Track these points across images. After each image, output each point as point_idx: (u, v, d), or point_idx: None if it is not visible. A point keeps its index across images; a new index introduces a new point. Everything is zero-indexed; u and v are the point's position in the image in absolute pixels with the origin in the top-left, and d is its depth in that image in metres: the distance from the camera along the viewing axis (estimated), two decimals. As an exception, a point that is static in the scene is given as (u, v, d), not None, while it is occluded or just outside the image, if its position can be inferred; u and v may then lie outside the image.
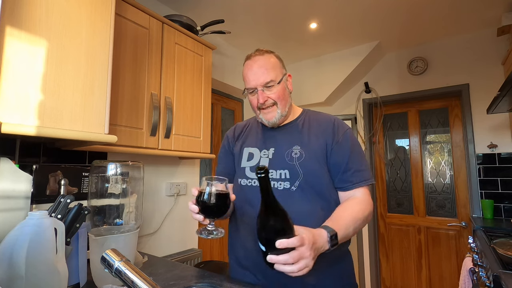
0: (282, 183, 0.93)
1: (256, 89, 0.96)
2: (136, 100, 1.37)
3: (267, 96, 0.96)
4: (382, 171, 2.91)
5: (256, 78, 0.95)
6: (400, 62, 2.78)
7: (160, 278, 0.99)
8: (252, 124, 1.13)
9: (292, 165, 0.93)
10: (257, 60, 0.97)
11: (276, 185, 0.94)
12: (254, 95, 0.98)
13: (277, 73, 0.97)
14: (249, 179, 0.99)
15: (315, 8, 2.08)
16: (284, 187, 0.93)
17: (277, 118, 0.97)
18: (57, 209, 0.82)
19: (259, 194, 0.89)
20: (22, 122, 0.83)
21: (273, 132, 1.03)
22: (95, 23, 1.02)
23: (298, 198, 0.91)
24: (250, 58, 1.00)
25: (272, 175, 0.95)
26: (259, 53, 1.00)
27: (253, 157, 1.01)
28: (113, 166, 0.99)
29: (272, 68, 0.96)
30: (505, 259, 1.23)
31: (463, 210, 2.49)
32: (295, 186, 0.92)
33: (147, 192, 1.73)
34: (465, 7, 2.07)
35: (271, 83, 0.95)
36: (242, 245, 0.98)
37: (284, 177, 0.93)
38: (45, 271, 0.67)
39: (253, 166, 1.00)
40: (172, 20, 1.66)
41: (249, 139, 1.07)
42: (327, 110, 3.12)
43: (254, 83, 0.96)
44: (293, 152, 0.95)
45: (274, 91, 0.96)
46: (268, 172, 0.62)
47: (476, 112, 2.39)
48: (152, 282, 0.53)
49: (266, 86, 0.95)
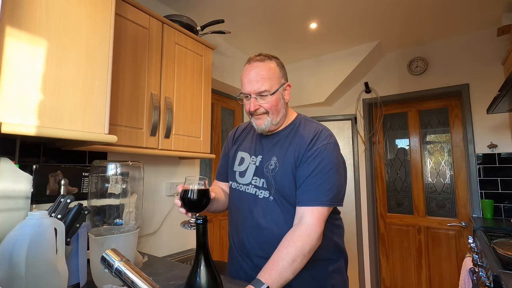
0: (263, 192, 0.98)
1: (250, 95, 0.96)
2: (136, 100, 1.37)
3: (259, 104, 0.96)
4: (382, 171, 2.91)
5: (251, 85, 0.94)
6: (400, 62, 2.78)
7: (160, 278, 0.99)
8: (251, 128, 1.14)
9: (267, 176, 0.97)
10: (255, 67, 0.95)
11: (258, 193, 0.98)
12: (248, 100, 0.98)
13: (273, 83, 0.95)
14: (237, 183, 1.05)
15: (315, 8, 2.08)
16: (264, 196, 0.97)
17: (266, 126, 0.98)
18: (57, 209, 0.82)
19: (246, 198, 0.99)
20: (22, 122, 0.82)
21: (264, 140, 1.05)
22: (95, 23, 1.02)
23: (275, 207, 0.95)
24: (249, 62, 0.98)
25: (256, 182, 0.99)
26: (260, 58, 0.97)
27: (244, 161, 1.06)
28: (113, 166, 0.99)
29: (269, 78, 0.94)
30: (505, 259, 1.23)
31: (463, 210, 2.49)
32: (272, 195, 0.96)
33: (147, 192, 1.73)
34: (465, 7, 2.07)
35: (265, 93, 0.94)
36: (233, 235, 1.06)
37: (263, 186, 0.98)
38: (45, 271, 0.67)
39: (242, 171, 1.04)
40: (172, 20, 1.66)
41: (244, 143, 1.11)
42: (327, 110, 3.12)
43: (248, 89, 0.95)
44: (270, 163, 0.98)
45: (267, 100, 0.95)
46: (207, 222, 0.62)
47: (476, 112, 2.39)
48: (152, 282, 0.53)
49: (259, 94, 0.94)
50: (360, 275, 2.79)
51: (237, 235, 1.03)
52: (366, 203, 2.84)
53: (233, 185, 1.07)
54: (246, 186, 1.01)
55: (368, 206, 2.84)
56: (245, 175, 1.02)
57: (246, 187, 1.01)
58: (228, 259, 1.10)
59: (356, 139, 2.97)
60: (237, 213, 1.04)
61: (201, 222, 0.61)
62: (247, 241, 0.97)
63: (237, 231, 1.02)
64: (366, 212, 2.84)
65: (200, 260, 0.61)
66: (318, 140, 0.94)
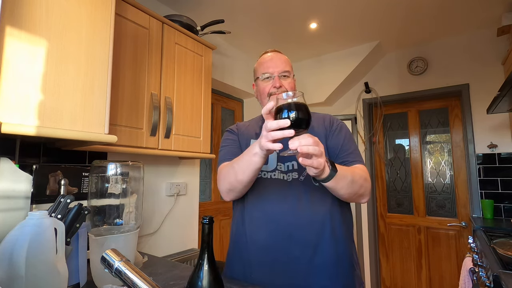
0: (291, 174, 0.96)
1: (273, 75, 1.02)
2: (136, 100, 1.37)
3: (282, 83, 1.02)
4: (382, 171, 2.91)
5: (275, 65, 1.03)
6: (400, 62, 2.79)
7: (160, 278, 0.99)
8: (252, 123, 1.14)
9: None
10: (277, 54, 1.07)
11: (286, 177, 0.96)
12: (268, 82, 1.03)
13: (291, 69, 1.07)
14: (263, 171, 0.98)
15: (315, 8, 2.08)
16: (293, 178, 0.96)
17: None
18: (57, 209, 0.82)
19: (269, 185, 0.94)
20: (22, 122, 0.82)
21: None
22: (95, 23, 1.02)
23: (309, 187, 0.93)
24: (268, 52, 1.10)
25: (281, 167, 0.98)
26: (277, 50, 1.10)
27: None
28: (113, 166, 0.99)
29: (289, 63, 1.07)
30: (505, 259, 1.23)
31: (463, 210, 2.49)
32: (303, 175, 0.95)
33: (147, 192, 1.73)
34: (465, 7, 2.07)
35: (287, 74, 1.04)
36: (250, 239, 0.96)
37: (292, 168, 0.97)
38: (45, 271, 0.67)
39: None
40: (172, 20, 1.66)
41: (253, 135, 1.08)
42: (327, 110, 3.12)
43: (272, 70, 1.03)
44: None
45: (288, 81, 1.03)
46: (213, 222, 0.61)
47: (476, 112, 2.39)
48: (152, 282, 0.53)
49: (283, 75, 1.03)
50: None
51: (264, 229, 0.94)
52: (366, 203, 2.84)
53: None
54: (271, 172, 0.98)
55: (368, 206, 2.84)
56: (268, 161, 0.99)
57: (272, 173, 0.98)
58: (229, 260, 1.05)
59: (356, 139, 2.97)
60: (263, 204, 0.95)
61: (206, 222, 0.61)
62: (284, 230, 0.91)
63: (266, 224, 0.94)
64: (366, 212, 2.84)
65: (204, 260, 0.61)
66: (333, 119, 1.06)
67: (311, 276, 0.89)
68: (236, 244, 1.02)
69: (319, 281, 0.88)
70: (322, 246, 0.91)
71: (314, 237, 0.91)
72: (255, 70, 1.10)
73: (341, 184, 0.82)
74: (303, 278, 0.89)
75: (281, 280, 0.89)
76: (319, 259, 0.90)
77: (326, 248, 0.91)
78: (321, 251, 0.90)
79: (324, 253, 0.90)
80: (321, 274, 0.89)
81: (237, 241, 1.02)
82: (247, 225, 0.98)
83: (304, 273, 0.89)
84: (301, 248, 0.90)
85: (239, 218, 1.02)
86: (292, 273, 0.89)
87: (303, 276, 0.89)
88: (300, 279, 0.89)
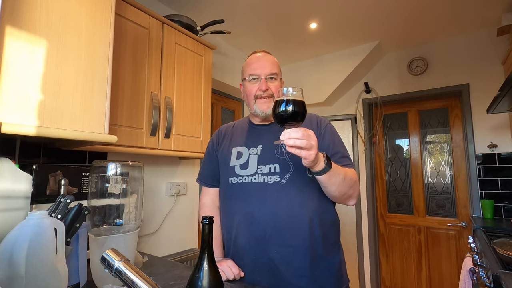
0: (272, 177, 0.97)
1: (260, 77, 1.03)
2: (136, 100, 1.37)
3: (268, 86, 1.03)
4: (382, 171, 2.91)
5: (263, 67, 1.03)
6: (400, 62, 2.78)
7: (160, 278, 0.99)
8: (238, 125, 1.16)
9: (282, 159, 0.98)
10: (264, 55, 1.07)
11: (266, 179, 0.98)
12: (254, 84, 1.04)
13: (278, 71, 1.07)
14: (239, 176, 1.03)
15: (315, 8, 2.08)
16: (275, 181, 0.97)
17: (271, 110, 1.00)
18: (57, 209, 0.82)
19: (250, 189, 0.96)
20: (22, 122, 0.82)
21: (259, 130, 1.08)
22: (95, 23, 1.02)
23: (289, 190, 0.95)
24: (257, 52, 1.10)
25: (262, 169, 0.99)
26: (266, 51, 1.10)
27: (242, 155, 1.05)
28: (113, 166, 0.99)
29: (276, 65, 1.07)
30: (505, 259, 1.23)
31: (463, 210, 2.49)
32: (285, 179, 0.96)
33: (147, 192, 1.73)
34: (465, 7, 2.07)
35: (275, 76, 1.04)
36: (238, 234, 1.00)
37: (274, 171, 0.98)
38: (45, 271, 0.67)
39: (242, 164, 1.04)
40: (172, 20, 1.66)
41: (236, 139, 1.11)
42: (327, 110, 3.12)
43: (259, 71, 1.03)
44: (282, 146, 0.96)
45: (274, 84, 1.04)
46: (213, 222, 0.62)
47: (476, 112, 2.39)
48: (152, 282, 0.53)
49: (270, 77, 1.03)
50: (360, 275, 2.79)
51: (246, 231, 0.97)
52: (366, 203, 2.84)
53: (233, 180, 1.04)
54: (252, 176, 1.00)
55: (368, 206, 2.84)
56: (248, 166, 1.02)
57: (252, 178, 1.00)
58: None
59: (356, 139, 2.97)
60: (244, 208, 0.99)
61: (206, 222, 0.61)
62: (263, 232, 0.94)
63: (247, 226, 0.97)
64: (366, 212, 2.84)
65: (204, 260, 0.61)
66: (322, 121, 1.06)
67: (290, 277, 0.91)
68: (225, 247, 1.07)
69: (297, 283, 0.91)
70: (301, 249, 0.92)
71: (293, 240, 0.92)
72: (243, 71, 1.10)
73: (333, 180, 0.85)
74: (283, 279, 0.91)
75: (264, 282, 0.93)
76: (298, 261, 0.92)
77: (304, 250, 0.92)
78: (300, 253, 0.92)
79: (303, 255, 0.92)
80: (300, 275, 0.91)
81: (225, 244, 1.07)
82: (231, 228, 1.03)
83: (284, 274, 0.91)
84: (280, 249, 0.92)
85: (224, 221, 1.07)
86: (272, 274, 0.92)
87: (282, 277, 0.91)
88: (280, 279, 0.91)
